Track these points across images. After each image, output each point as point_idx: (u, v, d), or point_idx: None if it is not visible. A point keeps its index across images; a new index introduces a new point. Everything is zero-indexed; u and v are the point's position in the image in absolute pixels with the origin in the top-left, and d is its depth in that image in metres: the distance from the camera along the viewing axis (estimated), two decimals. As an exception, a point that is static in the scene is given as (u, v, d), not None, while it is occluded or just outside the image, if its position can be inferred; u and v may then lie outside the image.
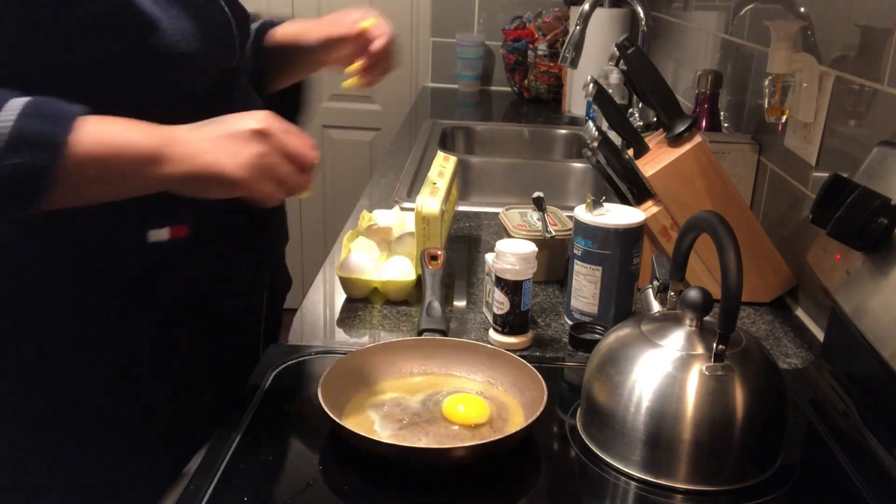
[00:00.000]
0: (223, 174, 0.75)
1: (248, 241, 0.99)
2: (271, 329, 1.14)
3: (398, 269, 1.18)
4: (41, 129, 0.69)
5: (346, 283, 1.17)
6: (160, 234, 0.87)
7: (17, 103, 0.70)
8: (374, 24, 1.10)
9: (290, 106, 1.22)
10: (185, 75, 0.84)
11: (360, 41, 1.10)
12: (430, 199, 1.21)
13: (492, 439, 0.78)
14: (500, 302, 1.02)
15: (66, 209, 0.76)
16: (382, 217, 1.40)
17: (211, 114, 0.81)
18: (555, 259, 1.24)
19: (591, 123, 1.18)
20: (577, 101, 2.52)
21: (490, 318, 1.07)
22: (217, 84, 0.90)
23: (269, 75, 1.15)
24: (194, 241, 0.90)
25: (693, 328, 0.80)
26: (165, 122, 0.78)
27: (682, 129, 1.16)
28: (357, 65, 1.11)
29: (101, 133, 0.73)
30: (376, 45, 1.10)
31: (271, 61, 1.14)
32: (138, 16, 0.78)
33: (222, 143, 0.76)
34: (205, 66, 0.87)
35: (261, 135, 0.76)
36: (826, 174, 1.12)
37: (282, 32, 1.15)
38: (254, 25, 1.13)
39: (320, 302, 1.19)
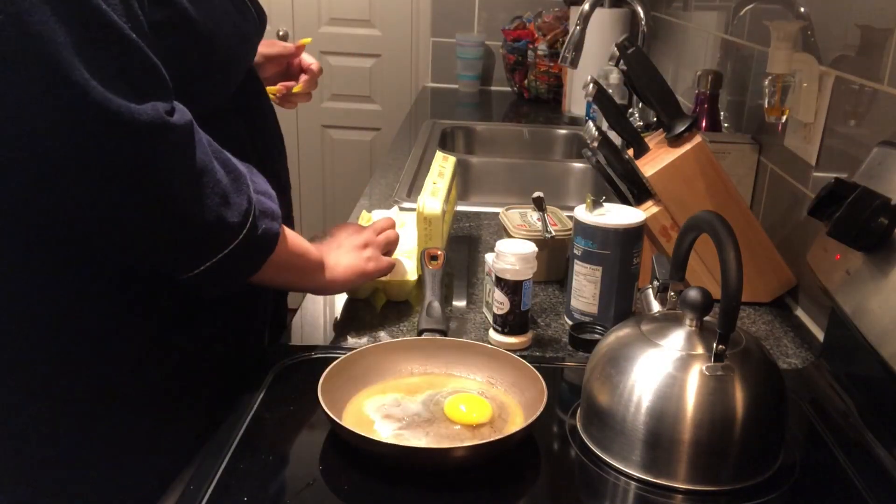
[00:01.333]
0: (365, 271, 1.07)
1: None
2: (276, 328, 1.14)
3: (400, 269, 1.18)
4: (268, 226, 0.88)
5: (347, 283, 1.17)
6: None
7: (249, 206, 0.86)
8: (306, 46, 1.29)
9: None
10: (223, 76, 0.92)
11: (289, 60, 1.27)
12: (432, 200, 1.21)
13: (492, 439, 0.78)
14: (500, 302, 1.02)
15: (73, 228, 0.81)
16: (380, 217, 1.39)
17: (239, 107, 0.99)
18: (555, 259, 1.24)
19: (591, 123, 1.18)
20: (577, 101, 2.52)
21: (490, 318, 1.07)
22: (242, 79, 0.98)
23: None
24: None
25: (693, 328, 0.80)
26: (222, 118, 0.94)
27: (682, 129, 1.16)
28: (300, 85, 1.29)
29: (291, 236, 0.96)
30: (315, 65, 1.29)
31: None
32: (192, 27, 0.83)
33: (346, 255, 1.06)
34: (238, 66, 0.95)
35: (366, 244, 1.09)
36: (826, 174, 1.12)
37: None
38: None
39: (320, 302, 1.19)
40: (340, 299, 1.18)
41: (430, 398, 0.88)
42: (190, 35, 0.83)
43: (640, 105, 1.89)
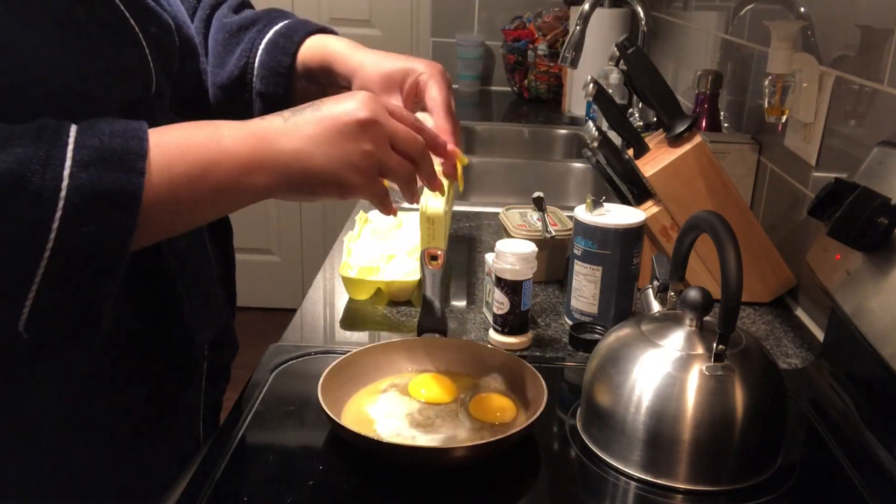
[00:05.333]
0: (333, 180, 0.67)
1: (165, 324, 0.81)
2: (211, 419, 0.97)
3: (402, 270, 1.18)
4: (111, 178, 0.58)
5: (351, 284, 1.17)
6: None
7: (65, 146, 0.57)
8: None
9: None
10: (53, 111, 0.63)
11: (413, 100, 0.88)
12: (435, 200, 1.21)
13: (492, 439, 0.78)
14: (500, 302, 1.02)
15: None
16: (379, 217, 1.40)
17: None
18: (555, 259, 1.24)
19: (591, 123, 1.18)
20: (577, 101, 2.52)
21: (490, 318, 1.07)
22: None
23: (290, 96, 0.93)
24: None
25: (693, 328, 0.80)
26: None
27: (682, 129, 1.16)
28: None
29: (180, 153, 0.62)
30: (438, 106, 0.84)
31: (292, 83, 0.91)
32: None
33: (326, 141, 0.66)
34: (97, 102, 0.67)
35: (368, 125, 0.66)
36: (826, 174, 1.12)
37: (321, 53, 0.92)
38: (272, 31, 0.93)
39: (320, 302, 1.19)
40: (341, 299, 1.18)
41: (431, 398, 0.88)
42: None
43: (640, 105, 1.89)
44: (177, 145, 0.63)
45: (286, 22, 0.95)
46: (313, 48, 0.92)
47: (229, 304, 0.99)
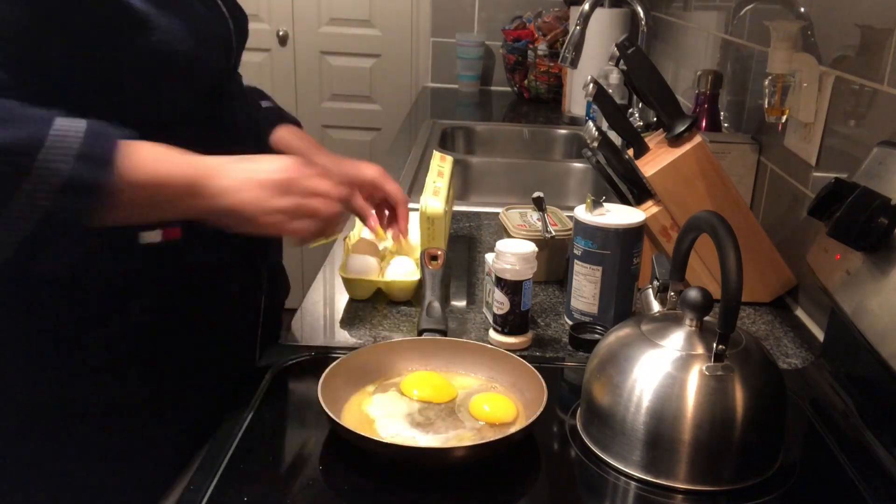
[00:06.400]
0: (249, 217, 0.82)
1: (242, 244, 0.96)
2: (270, 333, 1.11)
3: (402, 269, 1.18)
4: (92, 173, 0.73)
5: (350, 284, 1.17)
6: (152, 237, 0.87)
7: (75, 134, 0.72)
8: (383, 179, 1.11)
9: None
10: (178, 75, 0.85)
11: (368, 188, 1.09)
12: (434, 200, 1.21)
13: (492, 439, 0.78)
14: (500, 302, 1.02)
15: None
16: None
17: (206, 114, 0.90)
18: (555, 259, 1.24)
19: (591, 123, 1.18)
20: (577, 101, 2.52)
21: (490, 318, 1.07)
22: (212, 84, 0.92)
23: None
24: (186, 243, 0.89)
25: (693, 328, 0.80)
26: (158, 122, 0.83)
27: (682, 129, 1.16)
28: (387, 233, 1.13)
29: (144, 163, 0.77)
30: (399, 195, 1.11)
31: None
32: (129, 15, 0.79)
33: (251, 186, 0.82)
34: (199, 66, 0.88)
35: (283, 183, 0.83)
36: (826, 174, 1.12)
37: (287, 142, 1.13)
38: (264, 105, 1.16)
39: (320, 302, 1.19)
40: (340, 299, 1.18)
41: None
42: (137, 30, 0.79)
43: (640, 105, 1.89)
44: (147, 155, 0.78)
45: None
46: (279, 142, 1.14)
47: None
